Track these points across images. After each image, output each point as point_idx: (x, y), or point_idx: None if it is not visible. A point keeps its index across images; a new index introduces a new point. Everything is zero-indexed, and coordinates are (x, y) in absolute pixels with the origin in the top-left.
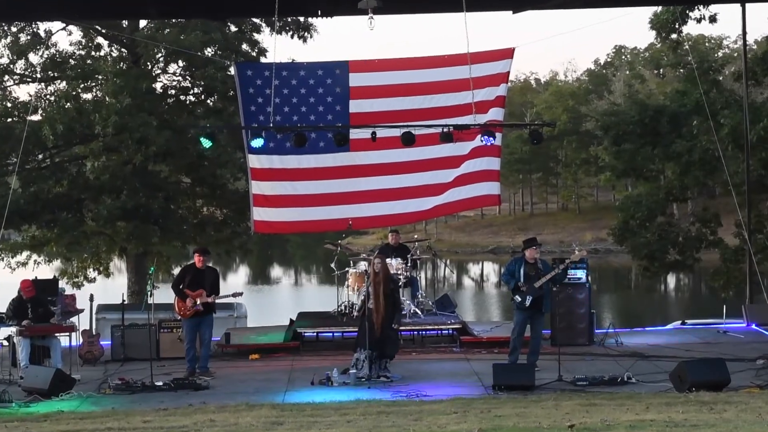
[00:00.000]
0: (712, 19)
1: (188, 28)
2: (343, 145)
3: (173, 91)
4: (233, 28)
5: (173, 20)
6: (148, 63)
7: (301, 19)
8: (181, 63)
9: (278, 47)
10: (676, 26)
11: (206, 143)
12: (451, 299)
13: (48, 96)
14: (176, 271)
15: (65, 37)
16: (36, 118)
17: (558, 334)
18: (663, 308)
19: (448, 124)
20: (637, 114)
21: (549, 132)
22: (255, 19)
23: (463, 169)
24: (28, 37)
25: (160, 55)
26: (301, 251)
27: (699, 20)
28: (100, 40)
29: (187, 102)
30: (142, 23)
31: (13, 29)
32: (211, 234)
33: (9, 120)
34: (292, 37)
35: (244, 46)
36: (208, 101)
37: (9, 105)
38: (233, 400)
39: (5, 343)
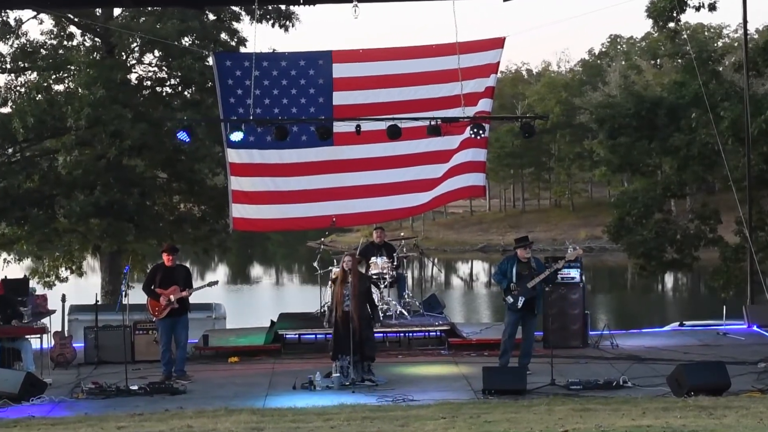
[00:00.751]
0: (712, 7)
1: (164, 17)
2: (326, 139)
3: (149, 83)
4: (211, 17)
5: (149, 8)
6: (123, 53)
7: (283, 7)
8: (157, 53)
9: (259, 36)
10: (674, 14)
11: (183, 137)
12: (438, 300)
13: (18, 87)
14: None
15: (36, 26)
16: (5, 110)
17: (551, 336)
18: (660, 309)
19: (435, 117)
20: (633, 106)
21: (541, 125)
22: (234, 7)
23: (452, 162)
24: None
25: (135, 44)
26: (282, 249)
27: (698, 8)
28: (72, 29)
29: (164, 94)
30: (117, 11)
31: None
32: (189, 231)
33: None
34: (273, 26)
35: (223, 36)
36: (186, 93)
37: None
38: (211, 404)
39: None
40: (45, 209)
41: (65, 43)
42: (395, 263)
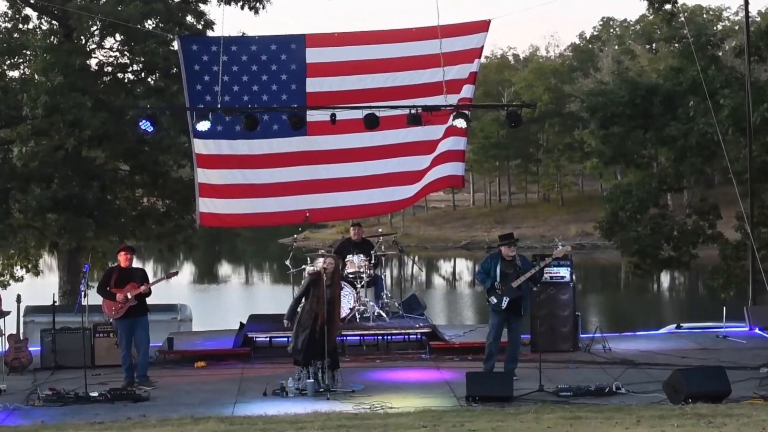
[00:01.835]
0: None
1: None
2: (299, 129)
3: (110, 69)
4: None
5: None
6: (82, 37)
7: None
8: (118, 37)
9: (227, 19)
10: None
11: (146, 126)
12: (419, 300)
13: None
14: None
15: None
16: None
17: (539, 339)
18: (656, 310)
19: (416, 105)
20: (627, 94)
21: (529, 114)
22: None
23: (436, 153)
24: None
25: (95, 28)
26: (252, 247)
27: None
28: (28, 11)
29: (126, 80)
30: None
31: None
32: (152, 227)
33: None
34: (242, 7)
35: (189, 18)
36: (149, 79)
37: None
38: (177, 412)
39: None
40: None
41: (20, 26)
42: (373, 261)
